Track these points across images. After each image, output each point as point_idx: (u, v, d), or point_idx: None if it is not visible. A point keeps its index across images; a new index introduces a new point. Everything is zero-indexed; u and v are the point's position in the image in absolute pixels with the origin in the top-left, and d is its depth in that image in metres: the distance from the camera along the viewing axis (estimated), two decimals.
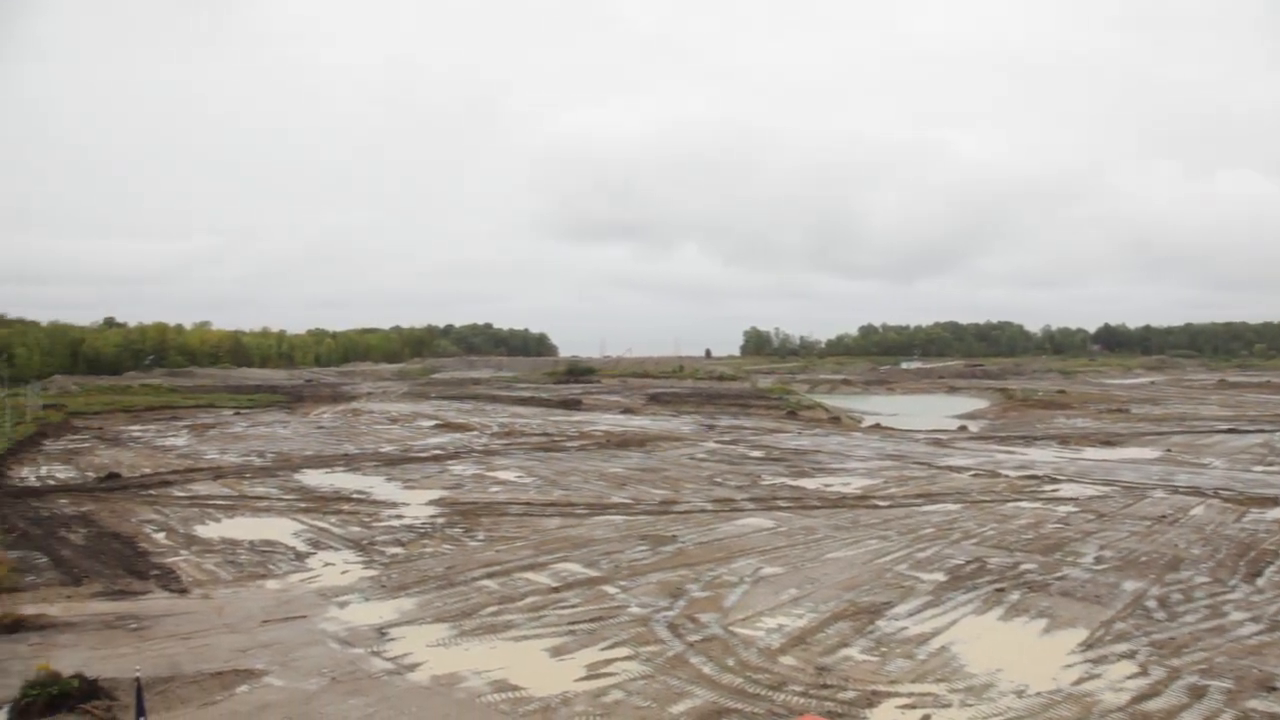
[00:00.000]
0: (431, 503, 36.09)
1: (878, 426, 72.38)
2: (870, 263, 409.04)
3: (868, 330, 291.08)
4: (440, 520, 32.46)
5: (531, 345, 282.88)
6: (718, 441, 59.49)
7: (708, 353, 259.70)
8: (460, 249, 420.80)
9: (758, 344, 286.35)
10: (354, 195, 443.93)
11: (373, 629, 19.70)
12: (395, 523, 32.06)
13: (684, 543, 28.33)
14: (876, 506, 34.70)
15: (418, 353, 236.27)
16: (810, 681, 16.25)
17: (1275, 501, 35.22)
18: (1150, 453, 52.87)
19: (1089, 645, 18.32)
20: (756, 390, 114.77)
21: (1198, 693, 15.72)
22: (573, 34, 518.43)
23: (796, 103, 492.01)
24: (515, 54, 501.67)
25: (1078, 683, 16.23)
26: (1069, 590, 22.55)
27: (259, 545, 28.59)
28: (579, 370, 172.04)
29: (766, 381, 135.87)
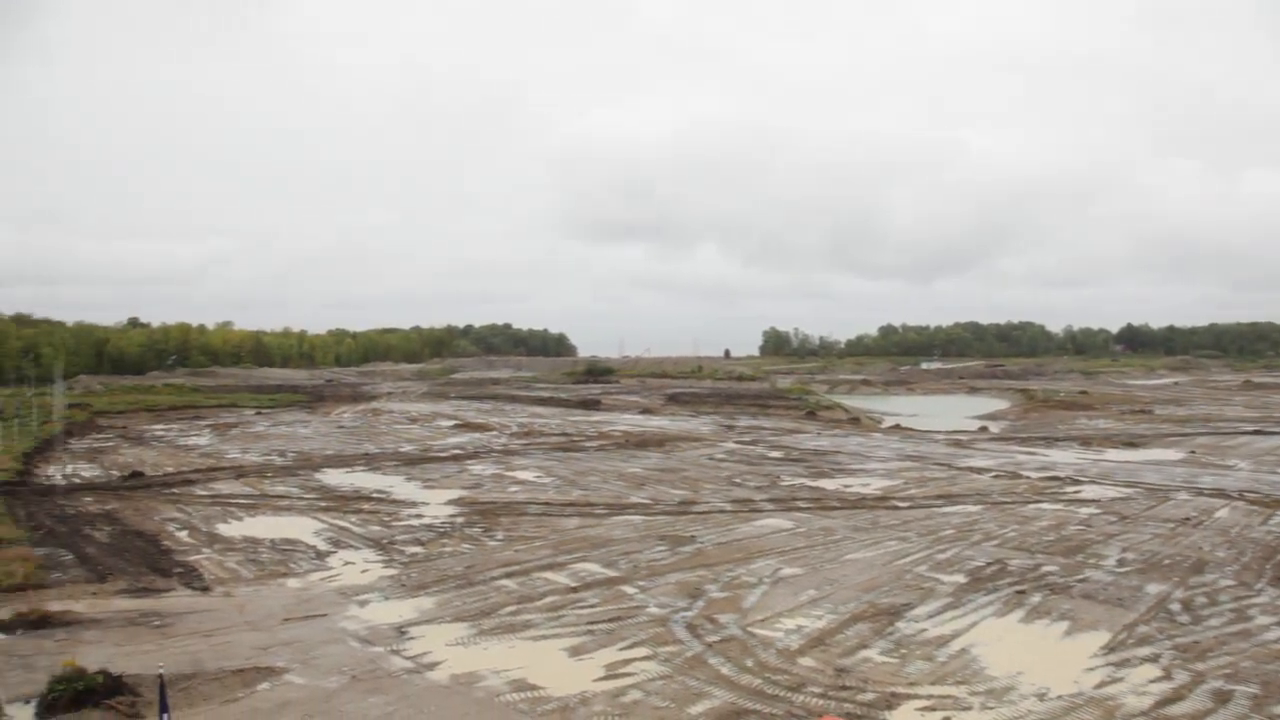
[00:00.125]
0: (451, 502, 36.24)
1: (897, 427, 72.04)
2: (890, 262, 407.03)
3: (887, 330, 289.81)
4: (459, 520, 32.59)
5: (550, 345, 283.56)
6: (737, 442, 59.41)
7: (726, 353, 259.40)
8: (480, 249, 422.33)
9: (777, 344, 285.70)
10: (373, 196, 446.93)
11: (392, 628, 19.80)
12: (415, 522, 32.22)
13: (703, 543, 28.30)
14: (896, 507, 34.54)
15: (437, 353, 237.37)
16: (829, 683, 16.20)
17: None
18: (1174, 454, 52.34)
19: (1111, 648, 18.16)
20: (775, 391, 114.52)
21: (1223, 698, 15.54)
22: (589, 34, 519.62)
23: (815, 102, 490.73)
24: (532, 54, 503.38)
25: (1100, 686, 16.09)
26: (1091, 593, 22.36)
27: (280, 544, 28.80)
28: (598, 370, 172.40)
29: (785, 382, 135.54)
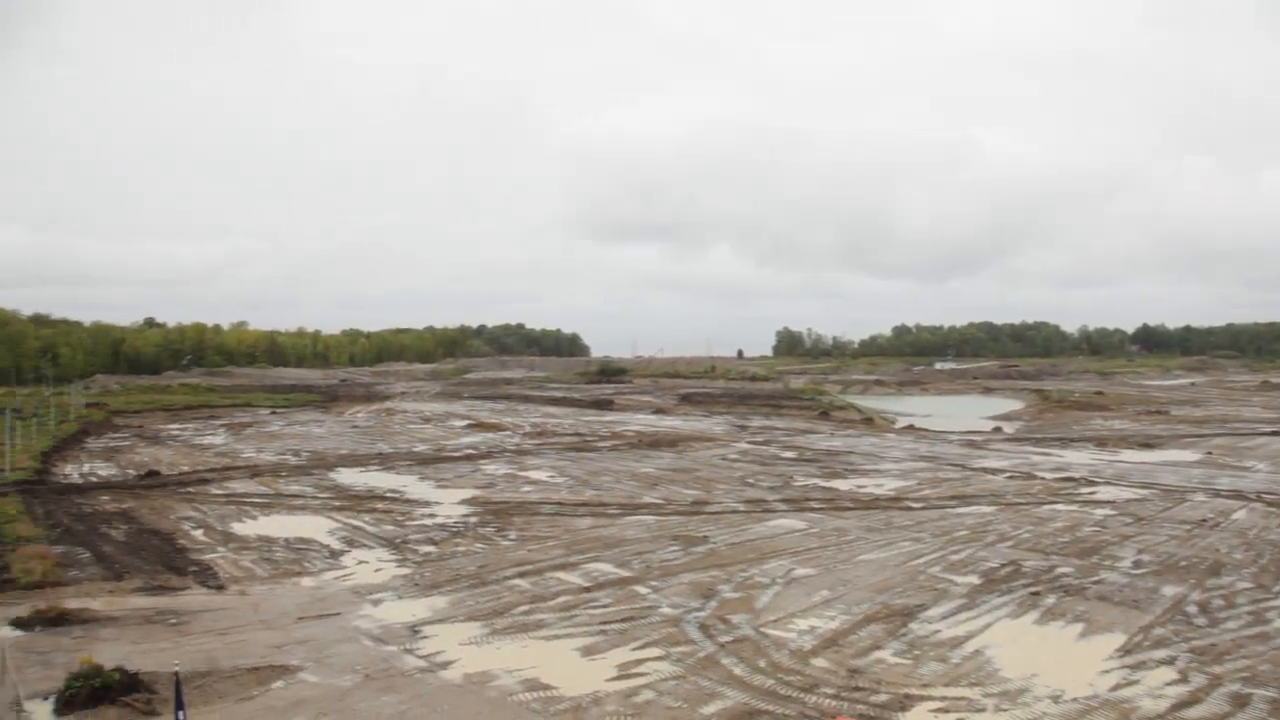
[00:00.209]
0: (464, 502, 36.33)
1: (911, 427, 71.77)
2: (903, 262, 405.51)
3: (901, 330, 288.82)
4: (473, 519, 32.67)
5: (564, 345, 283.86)
6: (750, 442, 59.33)
7: (740, 353, 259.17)
8: (493, 249, 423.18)
9: (790, 344, 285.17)
10: (387, 197, 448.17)
11: (406, 627, 19.87)
12: (428, 521, 32.31)
13: (716, 543, 28.28)
14: (910, 508, 34.42)
15: (451, 353, 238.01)
16: (842, 684, 16.16)
17: None
18: (1190, 455, 51.95)
19: (1127, 651, 18.04)
20: (789, 391, 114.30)
21: (1240, 701, 15.41)
22: (602, 35, 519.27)
23: (828, 102, 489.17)
24: (545, 55, 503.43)
25: (1115, 689, 15.99)
26: (1106, 594, 22.22)
27: (294, 543, 28.94)
28: (611, 370, 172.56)
29: (799, 382, 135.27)
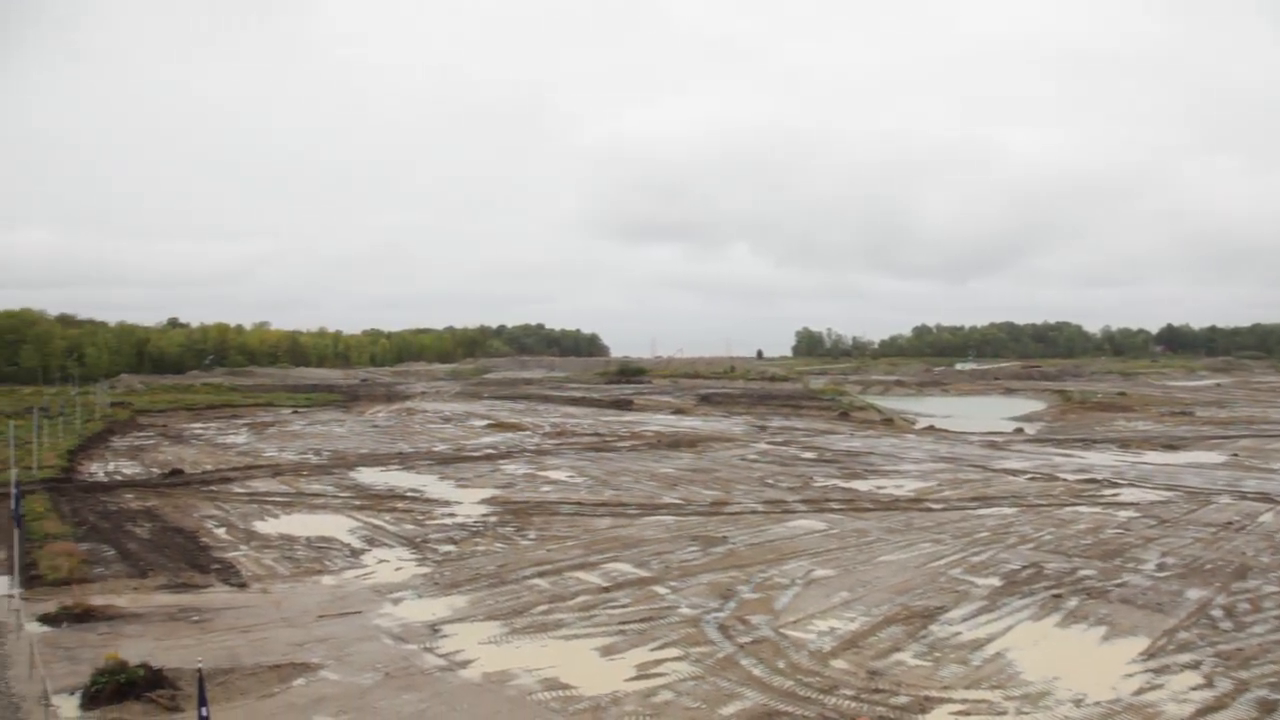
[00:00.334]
0: (484, 501, 36.45)
1: (931, 428, 71.35)
2: (924, 262, 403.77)
3: (921, 331, 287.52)
4: (492, 519, 32.77)
5: (583, 346, 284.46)
6: (769, 443, 59.19)
7: (759, 353, 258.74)
8: (512, 250, 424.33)
9: (810, 345, 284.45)
10: (407, 198, 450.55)
11: (426, 625, 19.95)
12: (448, 521, 32.44)
13: (735, 544, 28.23)
14: (930, 509, 34.23)
15: (470, 353, 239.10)
16: (862, 685, 16.09)
17: None
18: (1215, 457, 51.35)
19: (1150, 654, 17.84)
20: (808, 391, 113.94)
21: (1267, 706, 15.20)
22: (621, 34, 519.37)
23: (848, 101, 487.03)
24: (564, 55, 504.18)
25: (1138, 693, 15.82)
26: (1129, 597, 22.00)
27: (315, 541, 29.14)
28: (630, 371, 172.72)
29: (819, 382, 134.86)
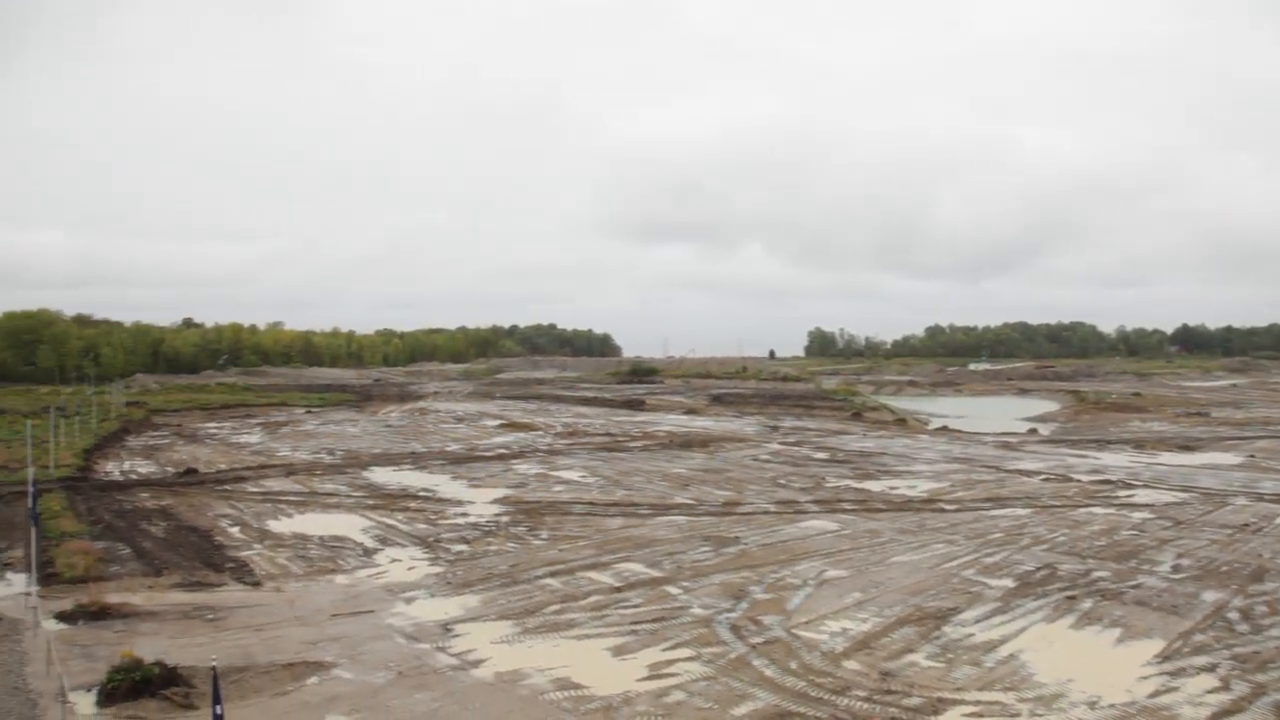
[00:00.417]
0: (496, 501, 36.53)
1: (944, 429, 71.05)
2: (937, 262, 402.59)
3: (934, 331, 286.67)
4: (505, 519, 32.83)
5: (595, 346, 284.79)
6: (781, 443, 59.09)
7: (771, 353, 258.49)
8: (525, 250, 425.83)
9: (822, 345, 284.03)
10: (420, 198, 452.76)
11: (438, 625, 20.00)
12: (461, 520, 32.52)
13: (747, 544, 28.20)
14: (943, 510, 34.11)
15: (483, 353, 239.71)
16: (874, 687, 16.04)
17: None
18: (1232, 458, 50.95)
19: (1166, 657, 17.73)
20: (821, 391, 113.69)
21: None
22: (635, 34, 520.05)
23: (862, 101, 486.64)
24: (578, 55, 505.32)
25: (1154, 695, 15.71)
26: (1144, 599, 21.86)
27: (329, 540, 29.25)
28: (642, 371, 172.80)
29: (831, 383, 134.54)
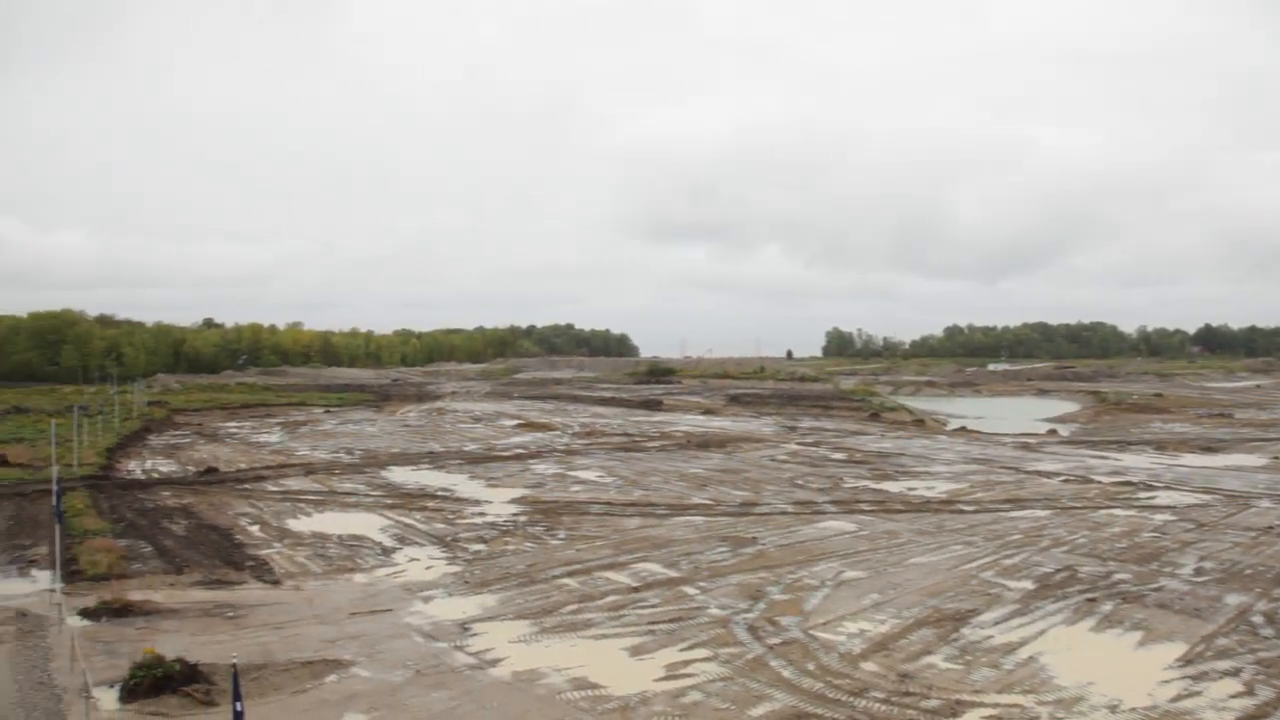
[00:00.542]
0: (514, 501, 36.61)
1: (963, 429, 70.66)
2: (956, 262, 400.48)
3: (953, 331, 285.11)
4: (522, 518, 32.91)
5: (613, 346, 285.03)
6: (799, 443, 58.93)
7: (789, 354, 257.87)
8: (542, 250, 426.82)
9: (840, 345, 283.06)
10: (438, 199, 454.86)
11: (456, 624, 20.07)
12: (478, 520, 32.62)
13: (764, 545, 28.14)
14: (962, 511, 33.92)
15: (500, 353, 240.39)
16: (892, 688, 15.98)
17: None
18: (1255, 460, 50.42)
19: (1188, 660, 17.56)
20: (839, 392, 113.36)
21: None
22: (650, 34, 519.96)
23: (878, 99, 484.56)
24: (593, 55, 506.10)
25: (1176, 700, 15.57)
26: (1166, 602, 21.66)
27: (347, 539, 29.41)
28: (659, 371, 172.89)
29: (849, 383, 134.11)
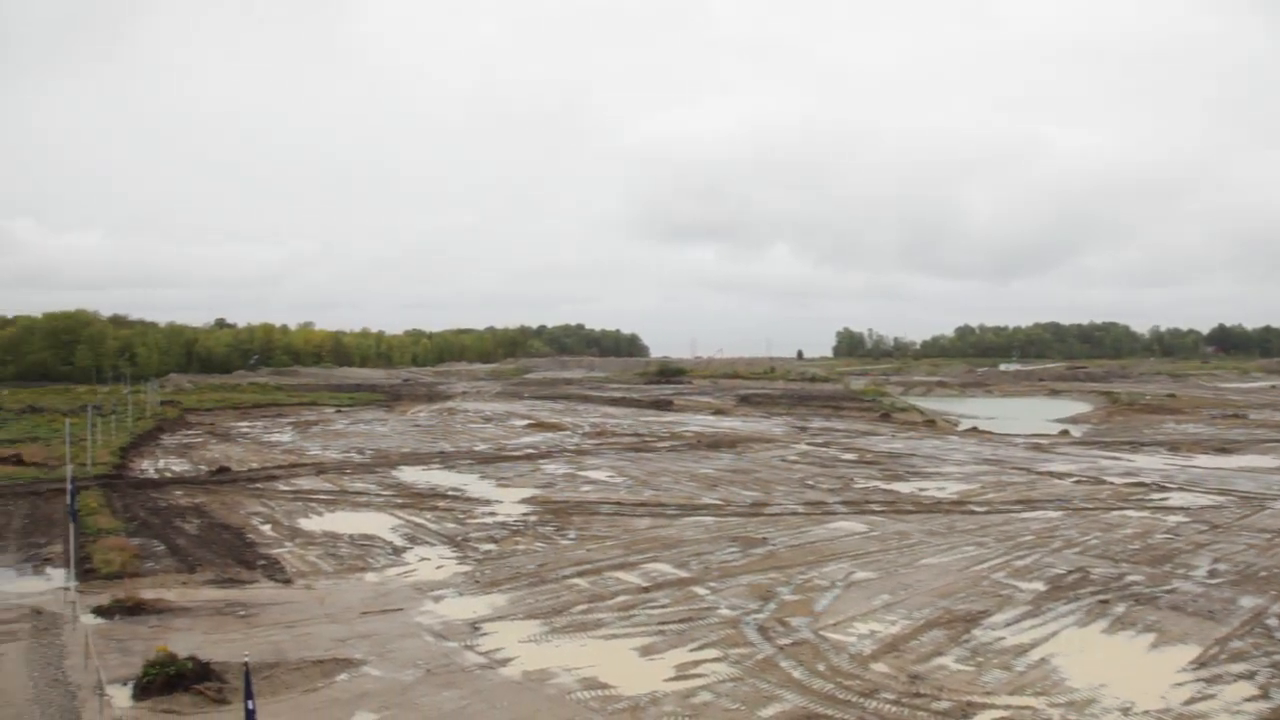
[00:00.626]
0: (524, 501, 36.65)
1: (974, 430, 70.39)
2: (966, 262, 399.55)
3: (964, 331, 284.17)
4: (532, 518, 32.94)
5: (623, 346, 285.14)
6: (809, 444, 58.82)
7: (799, 354, 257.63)
8: (552, 250, 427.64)
9: (850, 345, 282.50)
10: (448, 199, 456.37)
11: (466, 623, 20.10)
12: (489, 520, 32.67)
13: (775, 545, 28.10)
14: (973, 512, 33.80)
15: (511, 353, 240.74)
16: (903, 690, 15.93)
17: None
18: (1270, 461, 50.04)
19: (1201, 663, 17.45)
20: (849, 392, 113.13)
21: None
22: (658, 34, 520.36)
23: (889, 98, 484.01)
24: (601, 56, 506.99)
25: (1189, 703, 15.47)
26: (1179, 604, 21.53)
27: (358, 539, 29.50)
28: (670, 371, 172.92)
29: (859, 383, 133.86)
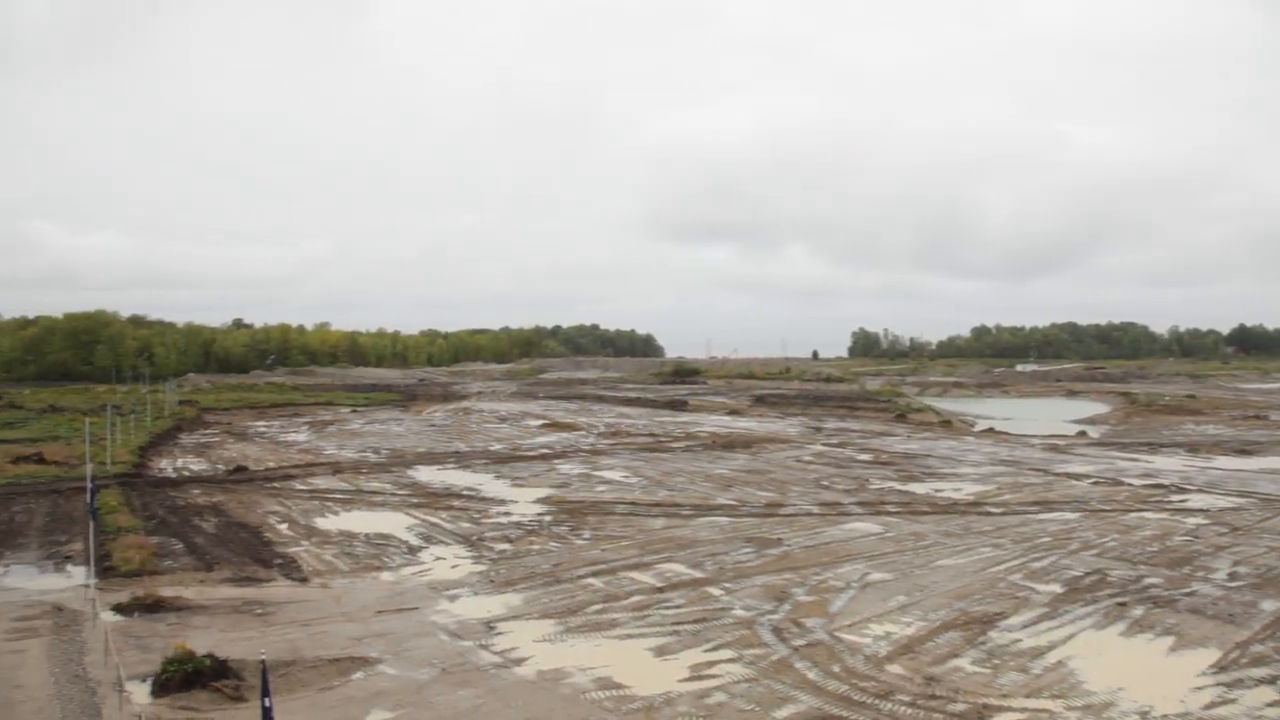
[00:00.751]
0: (539, 501, 36.72)
1: (991, 431, 69.99)
2: (983, 262, 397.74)
3: (980, 331, 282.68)
4: (547, 518, 32.99)
5: (638, 346, 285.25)
6: (824, 444, 58.66)
7: (815, 354, 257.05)
8: (568, 251, 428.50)
9: (866, 345, 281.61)
10: (464, 200, 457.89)
11: (481, 623, 20.15)
12: (504, 519, 32.75)
13: (790, 546, 28.04)
14: (989, 513, 33.61)
15: (526, 353, 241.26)
16: (918, 691, 15.85)
17: None
18: None
19: (1221, 667, 17.28)
20: (865, 392, 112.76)
21: None
22: (673, 34, 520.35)
23: (905, 97, 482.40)
24: (616, 56, 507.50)
25: (1209, 707, 15.32)
26: (1199, 607, 21.34)
27: (374, 538, 29.63)
28: (685, 371, 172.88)
29: (875, 383, 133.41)
